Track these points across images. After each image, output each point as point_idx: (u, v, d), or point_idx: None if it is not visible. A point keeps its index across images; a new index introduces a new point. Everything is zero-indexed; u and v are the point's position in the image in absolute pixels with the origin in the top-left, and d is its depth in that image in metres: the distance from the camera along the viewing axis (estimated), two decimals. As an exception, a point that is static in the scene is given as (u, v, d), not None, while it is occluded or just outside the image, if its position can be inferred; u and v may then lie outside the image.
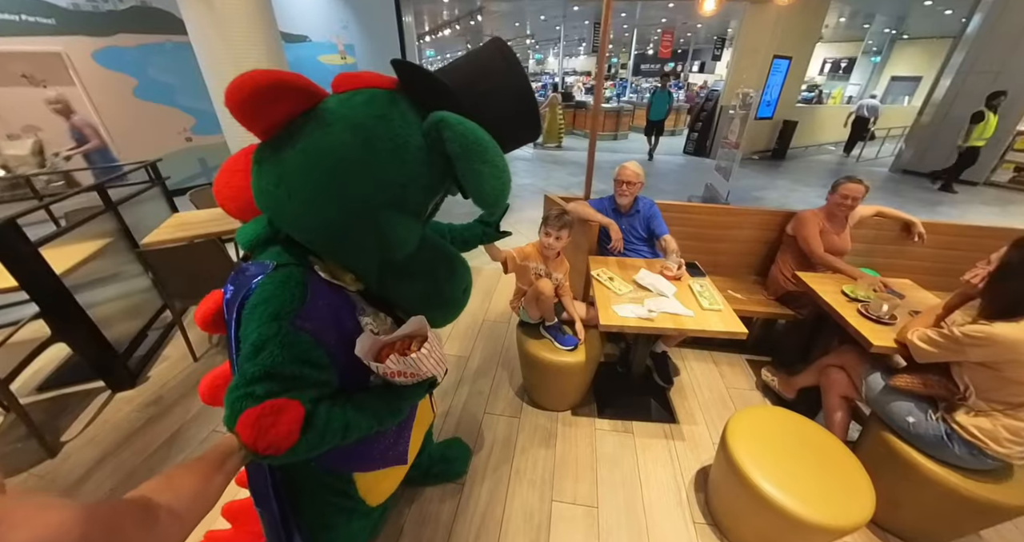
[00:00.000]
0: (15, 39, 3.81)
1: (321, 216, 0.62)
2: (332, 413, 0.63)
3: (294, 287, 0.63)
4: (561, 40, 13.60)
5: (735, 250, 2.28)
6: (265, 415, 0.55)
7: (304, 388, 0.60)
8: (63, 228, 1.92)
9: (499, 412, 1.77)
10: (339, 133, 0.59)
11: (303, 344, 0.61)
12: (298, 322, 0.61)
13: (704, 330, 1.39)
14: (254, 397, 0.56)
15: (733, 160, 4.37)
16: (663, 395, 1.84)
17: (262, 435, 0.55)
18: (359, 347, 0.68)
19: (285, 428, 0.56)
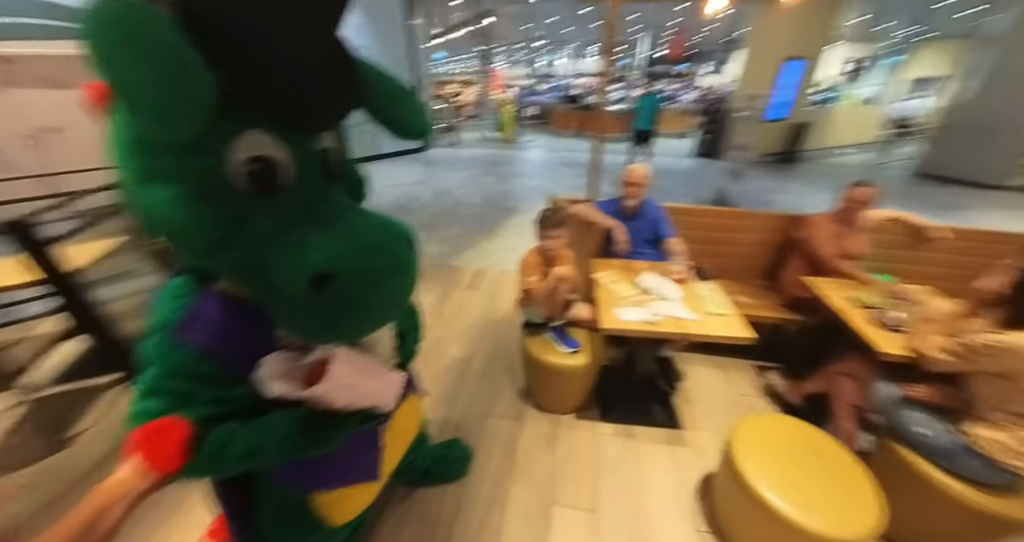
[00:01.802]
0: (37, 42, 3.94)
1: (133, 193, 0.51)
2: (231, 436, 0.58)
3: (175, 298, 0.59)
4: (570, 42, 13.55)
5: (743, 254, 2.26)
6: (153, 434, 0.52)
7: (195, 406, 0.56)
8: (85, 224, 1.98)
9: (501, 414, 1.78)
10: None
11: (183, 358, 0.56)
12: (180, 334, 0.56)
13: (709, 335, 1.38)
14: (147, 414, 0.54)
15: (743, 163, 4.32)
16: (667, 400, 1.82)
17: (150, 455, 0.52)
18: (262, 369, 0.57)
19: (167, 448, 0.53)
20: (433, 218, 4.30)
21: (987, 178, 5.53)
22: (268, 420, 0.61)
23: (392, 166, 6.64)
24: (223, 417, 0.59)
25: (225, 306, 0.59)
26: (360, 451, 0.82)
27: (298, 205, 0.53)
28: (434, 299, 2.71)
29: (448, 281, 2.94)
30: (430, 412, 1.78)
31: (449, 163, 6.96)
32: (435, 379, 1.98)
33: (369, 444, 0.83)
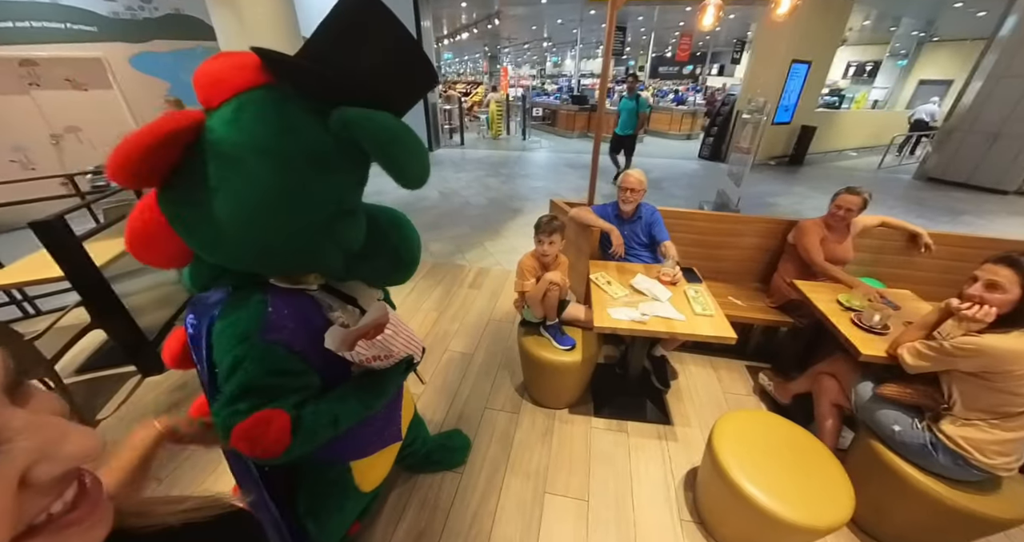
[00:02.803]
0: (61, 46, 4.11)
1: (272, 251, 0.63)
2: (318, 411, 0.69)
3: (255, 305, 0.66)
4: (578, 43, 13.60)
5: (738, 257, 2.31)
6: (253, 428, 0.62)
7: (285, 395, 0.66)
8: (104, 223, 2.09)
9: (499, 407, 1.86)
10: (254, 168, 0.56)
11: (276, 356, 0.65)
12: (267, 336, 0.65)
13: (694, 334, 1.45)
14: (240, 413, 0.62)
15: (746, 166, 4.34)
16: (659, 397, 1.89)
17: (255, 445, 0.62)
18: (328, 341, 0.70)
19: (275, 435, 0.63)
20: (439, 217, 4.38)
21: (994, 182, 5.49)
22: (340, 392, 0.74)
23: (399, 166, 6.71)
24: (304, 401, 0.69)
25: (291, 301, 0.70)
26: (388, 416, 0.97)
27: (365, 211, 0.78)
28: (439, 296, 2.79)
29: (452, 279, 3.02)
30: (433, 403, 1.87)
31: (456, 163, 7.03)
32: (438, 372, 2.07)
33: (394, 407, 0.99)
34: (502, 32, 14.06)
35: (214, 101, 0.57)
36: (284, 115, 0.57)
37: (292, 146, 0.57)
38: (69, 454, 0.21)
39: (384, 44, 0.58)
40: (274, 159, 0.56)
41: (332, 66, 0.57)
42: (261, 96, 0.57)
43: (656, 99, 11.61)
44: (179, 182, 0.57)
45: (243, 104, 0.56)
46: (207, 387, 0.72)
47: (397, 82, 0.61)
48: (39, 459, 0.20)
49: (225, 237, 0.59)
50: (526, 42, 18.41)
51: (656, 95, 12.54)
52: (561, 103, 10.43)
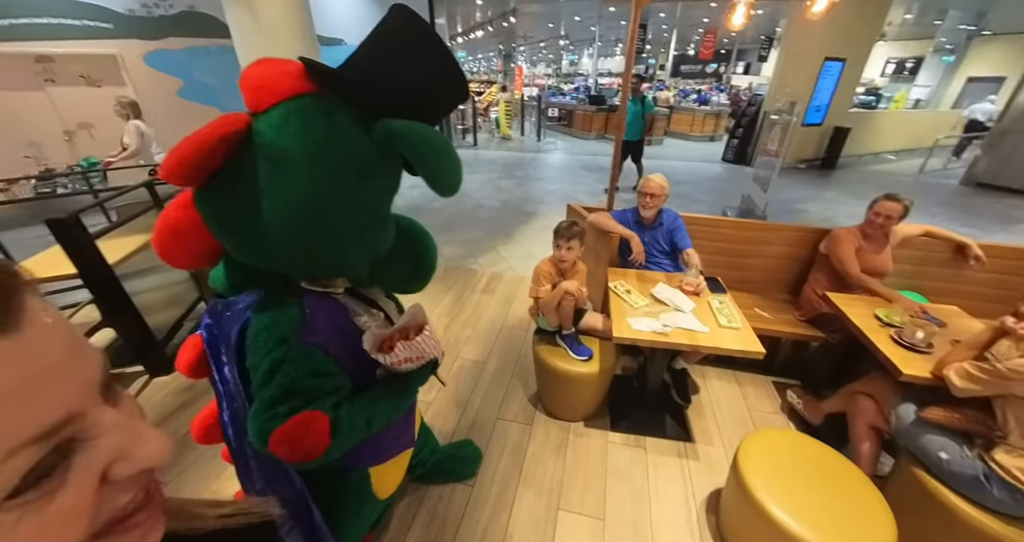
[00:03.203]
0: (77, 42, 4.33)
1: (308, 253, 0.67)
2: (353, 413, 0.73)
3: (291, 308, 0.70)
4: (596, 41, 13.72)
5: (765, 267, 2.30)
6: (294, 430, 0.65)
7: (323, 397, 0.69)
8: (117, 222, 2.20)
9: (512, 418, 1.88)
10: (301, 172, 0.60)
11: (314, 358, 0.69)
12: (305, 338, 0.69)
13: (719, 348, 1.45)
14: (279, 417, 0.65)
15: (773, 170, 4.31)
16: (680, 413, 1.88)
17: (296, 448, 0.65)
18: (367, 343, 0.76)
19: (315, 437, 0.66)
20: (451, 220, 4.45)
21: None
22: (371, 394, 0.80)
23: (410, 167, 6.84)
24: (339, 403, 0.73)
25: (323, 304, 0.75)
26: (407, 420, 1.02)
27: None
28: (450, 301, 2.84)
29: (465, 284, 3.06)
30: (444, 412, 1.90)
31: (469, 164, 7.11)
32: (449, 380, 2.10)
33: (411, 411, 1.04)
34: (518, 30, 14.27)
35: (262, 105, 0.62)
36: (331, 124, 0.62)
37: (338, 154, 0.62)
38: (144, 456, 0.23)
39: (429, 61, 0.64)
40: (321, 165, 0.61)
41: (378, 79, 0.63)
42: (308, 104, 0.62)
43: (677, 99, 11.60)
44: (221, 182, 0.61)
45: (291, 111, 0.61)
46: (223, 394, 0.75)
47: (437, 97, 0.68)
48: (119, 458, 0.22)
49: (264, 237, 0.63)
50: (542, 40, 18.65)
51: (678, 95, 12.53)
52: (578, 103, 10.49)
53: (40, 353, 0.20)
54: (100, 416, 0.22)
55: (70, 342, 0.21)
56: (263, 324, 0.68)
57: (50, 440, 0.19)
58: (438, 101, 0.69)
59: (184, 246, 0.68)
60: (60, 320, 0.21)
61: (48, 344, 0.20)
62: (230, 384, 0.72)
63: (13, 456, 0.18)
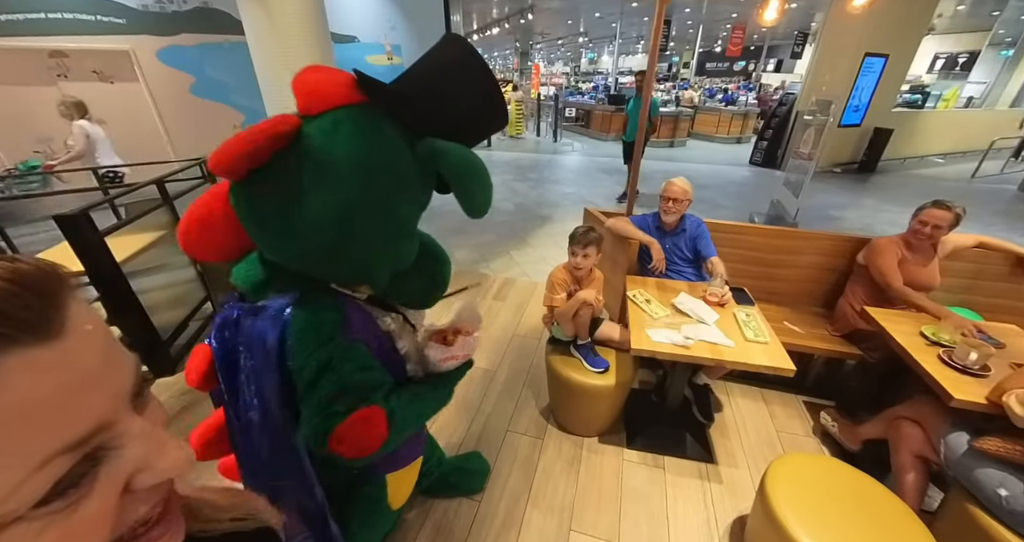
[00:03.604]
0: (90, 38, 4.55)
1: (339, 255, 0.71)
2: (403, 405, 0.78)
3: (332, 309, 0.74)
4: (617, 38, 13.80)
5: (796, 277, 2.27)
6: (354, 427, 0.69)
7: (375, 391, 0.74)
8: (126, 219, 2.29)
9: (522, 431, 1.88)
10: (346, 178, 0.65)
11: (360, 353, 0.74)
12: (349, 335, 0.74)
13: (745, 363, 1.43)
14: (338, 415, 0.69)
15: (806, 174, 4.25)
16: (702, 431, 1.86)
17: (355, 445, 0.69)
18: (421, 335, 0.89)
19: (374, 432, 0.71)
20: (463, 223, 4.47)
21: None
22: (414, 389, 0.87)
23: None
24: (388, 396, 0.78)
25: (355, 307, 0.81)
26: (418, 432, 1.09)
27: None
28: (472, 295, 2.89)
29: (476, 289, 3.09)
30: (452, 422, 1.92)
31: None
32: (457, 389, 2.08)
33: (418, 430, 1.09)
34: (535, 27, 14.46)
35: (313, 110, 0.67)
36: (378, 135, 0.68)
37: (381, 164, 0.68)
38: (166, 467, 0.23)
39: (478, 90, 0.73)
40: (364, 173, 0.67)
41: (428, 99, 0.70)
42: (358, 114, 0.68)
43: (702, 98, 11.55)
44: (264, 178, 0.64)
45: (341, 119, 0.66)
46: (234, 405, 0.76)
47: (479, 124, 0.77)
48: (141, 468, 0.22)
49: (298, 237, 0.67)
50: (560, 37, 18.84)
51: (702, 94, 12.48)
52: (596, 103, 10.54)
53: (78, 362, 0.20)
54: (129, 425, 0.22)
55: (107, 349, 0.22)
56: (305, 324, 0.71)
57: (81, 449, 0.20)
58: (479, 128, 0.77)
59: (210, 237, 0.72)
60: (99, 326, 0.22)
61: (87, 352, 0.21)
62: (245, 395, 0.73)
63: (47, 465, 0.19)
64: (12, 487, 0.18)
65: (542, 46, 20.62)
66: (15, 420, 0.18)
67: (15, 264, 0.19)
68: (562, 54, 26.19)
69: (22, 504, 0.18)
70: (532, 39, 17.96)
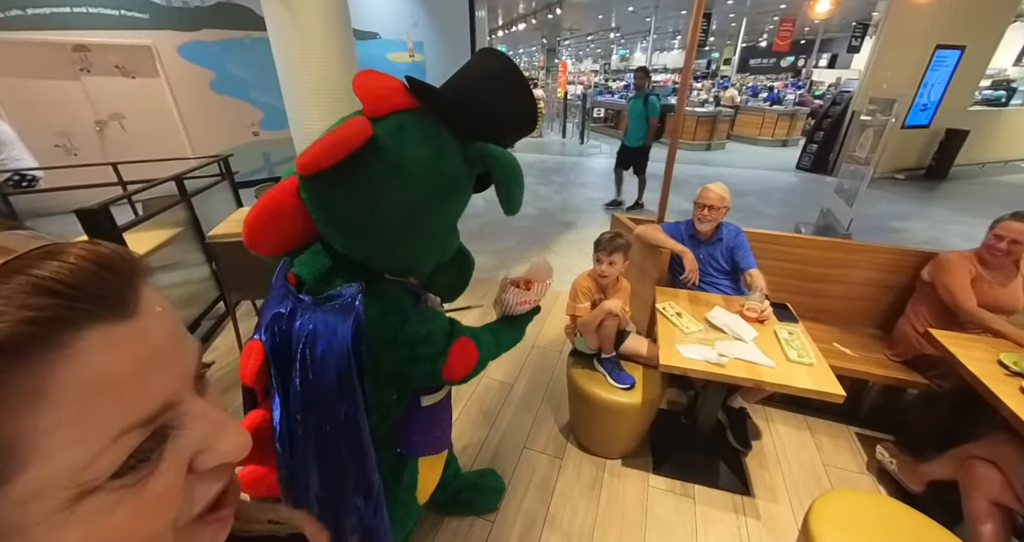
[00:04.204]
0: (113, 32, 4.90)
1: (402, 250, 0.85)
2: (483, 333, 1.02)
3: (399, 291, 0.90)
4: (651, 33, 13.86)
5: (848, 294, 2.23)
6: (456, 355, 0.91)
7: (457, 328, 0.96)
8: (145, 215, 2.46)
9: (540, 449, 1.90)
10: (415, 178, 0.77)
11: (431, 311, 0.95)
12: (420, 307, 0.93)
13: (786, 386, 1.42)
14: (442, 356, 0.90)
15: (861, 180, 4.16)
16: (737, 460, 1.84)
17: (463, 366, 0.93)
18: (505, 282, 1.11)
19: (471, 352, 0.95)
20: (484, 227, 4.61)
21: None
22: (491, 325, 1.11)
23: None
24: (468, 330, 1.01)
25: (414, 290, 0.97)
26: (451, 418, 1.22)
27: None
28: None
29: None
30: (467, 435, 1.96)
31: None
32: (474, 400, 2.17)
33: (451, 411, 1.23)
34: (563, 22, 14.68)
35: (379, 112, 0.77)
36: (437, 138, 0.80)
37: (443, 165, 0.81)
38: (226, 449, 0.26)
39: (516, 98, 0.87)
40: (431, 174, 0.79)
41: (473, 105, 0.83)
42: (417, 118, 0.79)
43: (744, 98, 11.43)
44: (337, 175, 0.73)
45: (404, 123, 0.78)
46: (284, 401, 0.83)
47: (514, 129, 0.92)
48: (202, 449, 0.25)
49: (367, 230, 0.79)
50: (590, 33, 19.05)
51: (745, 93, 12.35)
52: (627, 102, 10.59)
53: (151, 340, 0.23)
54: (192, 406, 0.25)
55: (175, 331, 0.25)
56: (386, 307, 0.85)
57: (151, 425, 0.22)
58: (515, 132, 0.93)
59: (276, 229, 0.82)
60: (168, 309, 0.25)
61: (158, 332, 0.23)
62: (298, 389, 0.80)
63: (122, 437, 0.21)
64: (92, 456, 0.20)
65: (570, 43, 20.88)
66: (96, 391, 0.20)
67: (96, 248, 0.23)
68: (591, 51, 26.43)
69: (100, 474, 0.21)
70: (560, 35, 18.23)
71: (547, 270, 1.13)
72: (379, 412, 0.95)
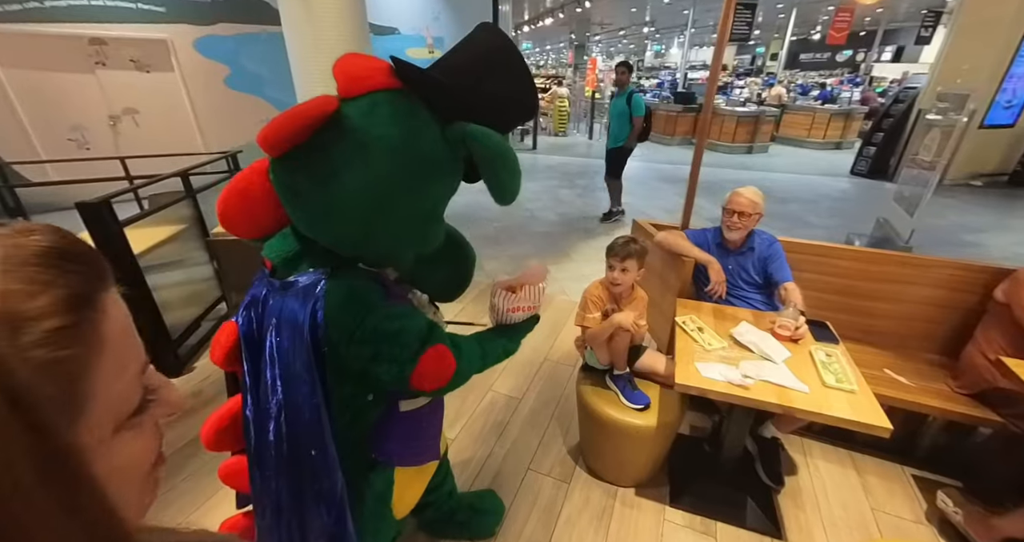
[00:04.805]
0: (129, 26, 5.21)
1: (372, 235, 0.85)
2: (468, 344, 0.98)
3: (369, 279, 0.89)
4: (688, 27, 13.83)
5: (902, 314, 2.14)
6: (429, 363, 0.86)
7: (432, 332, 0.89)
8: (146, 211, 2.59)
9: (546, 471, 1.89)
10: (378, 158, 0.78)
11: (407, 307, 0.92)
12: (389, 301, 0.89)
13: (821, 414, 1.36)
14: (411, 361, 0.85)
15: (926, 187, 3.99)
16: (767, 496, 1.77)
17: (436, 378, 0.88)
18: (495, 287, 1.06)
19: (447, 363, 0.89)
20: (500, 232, 4.64)
21: None
22: (482, 334, 1.07)
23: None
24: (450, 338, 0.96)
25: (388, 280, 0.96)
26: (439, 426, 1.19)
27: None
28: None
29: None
30: (467, 452, 1.97)
31: (526, 170, 7.15)
32: (478, 414, 2.18)
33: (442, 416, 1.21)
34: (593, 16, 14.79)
35: (352, 92, 0.80)
36: (413, 119, 0.81)
37: (415, 146, 0.81)
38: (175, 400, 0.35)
39: (514, 76, 0.86)
40: (398, 154, 0.80)
41: (463, 87, 0.82)
42: (393, 98, 0.81)
43: (793, 96, 11.23)
44: (303, 154, 0.77)
45: (378, 102, 0.80)
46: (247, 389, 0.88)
47: (510, 111, 0.89)
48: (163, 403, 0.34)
49: (331, 212, 0.80)
50: (622, 28, 19.11)
51: (794, 91, 12.12)
52: (660, 101, 10.65)
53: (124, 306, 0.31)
54: (152, 371, 0.33)
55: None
56: (349, 294, 0.84)
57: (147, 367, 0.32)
58: (508, 119, 0.90)
59: (248, 210, 0.87)
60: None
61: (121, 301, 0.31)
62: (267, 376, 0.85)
63: (138, 376, 0.30)
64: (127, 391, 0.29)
65: (601, 38, 21.00)
66: (123, 339, 0.29)
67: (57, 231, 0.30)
68: (624, 47, 26.53)
69: (129, 408, 0.29)
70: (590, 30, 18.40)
71: (540, 273, 1.11)
72: (350, 411, 0.93)
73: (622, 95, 4.74)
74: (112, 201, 2.15)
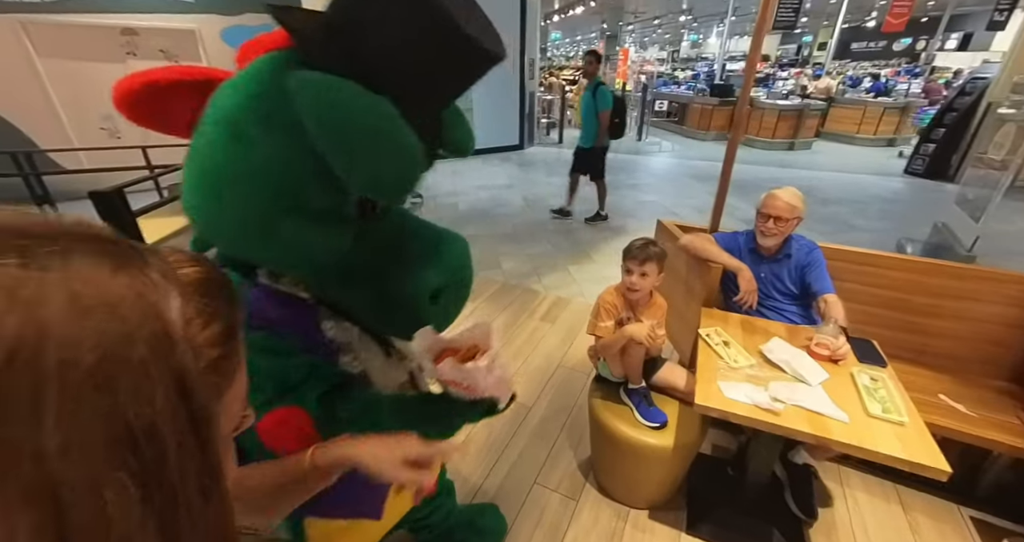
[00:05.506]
0: (159, 16, 5.42)
1: (220, 228, 0.69)
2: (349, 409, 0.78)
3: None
4: (729, 14, 13.45)
5: (966, 334, 1.98)
6: (270, 429, 0.70)
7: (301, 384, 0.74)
8: (161, 200, 2.63)
9: (553, 486, 1.84)
10: (207, 131, 0.65)
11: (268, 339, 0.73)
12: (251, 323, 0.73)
13: (863, 449, 1.24)
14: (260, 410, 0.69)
15: (995, 189, 3.73)
16: (797, 529, 1.67)
17: (280, 446, 0.70)
18: (418, 341, 0.80)
19: (297, 434, 0.71)
20: (518, 229, 4.61)
21: None
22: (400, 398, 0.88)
23: (483, 165, 7.39)
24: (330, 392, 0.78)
25: (279, 299, 0.80)
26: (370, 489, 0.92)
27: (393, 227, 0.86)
28: (502, 324, 2.94)
29: (521, 306, 3.15)
30: (470, 462, 1.93)
31: (548, 165, 7.38)
32: (482, 423, 2.11)
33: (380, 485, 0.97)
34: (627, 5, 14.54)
35: (242, 64, 0.69)
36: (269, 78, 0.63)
37: (248, 114, 0.63)
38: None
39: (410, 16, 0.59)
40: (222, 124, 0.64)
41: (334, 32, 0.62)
42: (271, 58, 0.65)
43: (842, 88, 10.79)
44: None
45: (248, 68, 0.66)
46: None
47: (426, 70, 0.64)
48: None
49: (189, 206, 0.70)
50: (657, 17, 18.72)
51: (843, 82, 11.63)
52: (695, 94, 10.48)
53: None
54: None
55: None
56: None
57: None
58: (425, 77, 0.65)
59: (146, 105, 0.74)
60: None
61: None
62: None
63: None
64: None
65: (634, 27, 20.62)
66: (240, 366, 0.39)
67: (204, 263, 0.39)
68: (658, 37, 25.99)
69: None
70: (622, 19, 18.08)
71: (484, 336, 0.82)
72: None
73: (589, 89, 4.40)
74: (133, 190, 2.19)
